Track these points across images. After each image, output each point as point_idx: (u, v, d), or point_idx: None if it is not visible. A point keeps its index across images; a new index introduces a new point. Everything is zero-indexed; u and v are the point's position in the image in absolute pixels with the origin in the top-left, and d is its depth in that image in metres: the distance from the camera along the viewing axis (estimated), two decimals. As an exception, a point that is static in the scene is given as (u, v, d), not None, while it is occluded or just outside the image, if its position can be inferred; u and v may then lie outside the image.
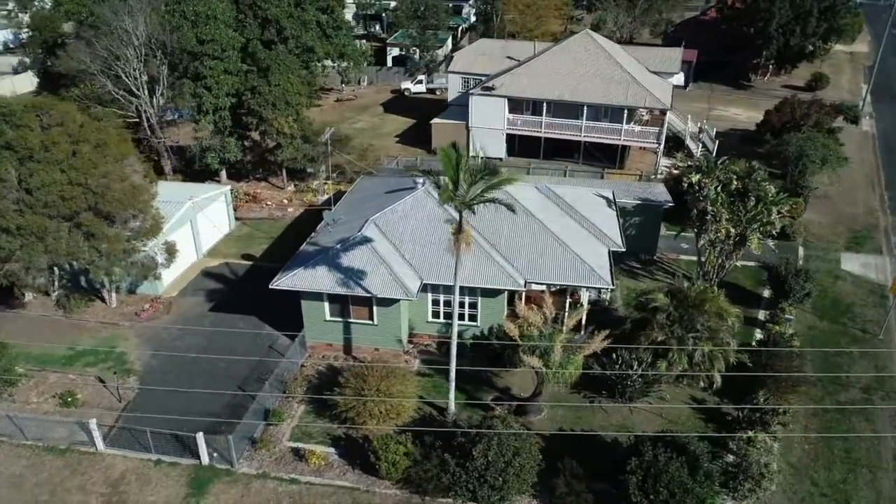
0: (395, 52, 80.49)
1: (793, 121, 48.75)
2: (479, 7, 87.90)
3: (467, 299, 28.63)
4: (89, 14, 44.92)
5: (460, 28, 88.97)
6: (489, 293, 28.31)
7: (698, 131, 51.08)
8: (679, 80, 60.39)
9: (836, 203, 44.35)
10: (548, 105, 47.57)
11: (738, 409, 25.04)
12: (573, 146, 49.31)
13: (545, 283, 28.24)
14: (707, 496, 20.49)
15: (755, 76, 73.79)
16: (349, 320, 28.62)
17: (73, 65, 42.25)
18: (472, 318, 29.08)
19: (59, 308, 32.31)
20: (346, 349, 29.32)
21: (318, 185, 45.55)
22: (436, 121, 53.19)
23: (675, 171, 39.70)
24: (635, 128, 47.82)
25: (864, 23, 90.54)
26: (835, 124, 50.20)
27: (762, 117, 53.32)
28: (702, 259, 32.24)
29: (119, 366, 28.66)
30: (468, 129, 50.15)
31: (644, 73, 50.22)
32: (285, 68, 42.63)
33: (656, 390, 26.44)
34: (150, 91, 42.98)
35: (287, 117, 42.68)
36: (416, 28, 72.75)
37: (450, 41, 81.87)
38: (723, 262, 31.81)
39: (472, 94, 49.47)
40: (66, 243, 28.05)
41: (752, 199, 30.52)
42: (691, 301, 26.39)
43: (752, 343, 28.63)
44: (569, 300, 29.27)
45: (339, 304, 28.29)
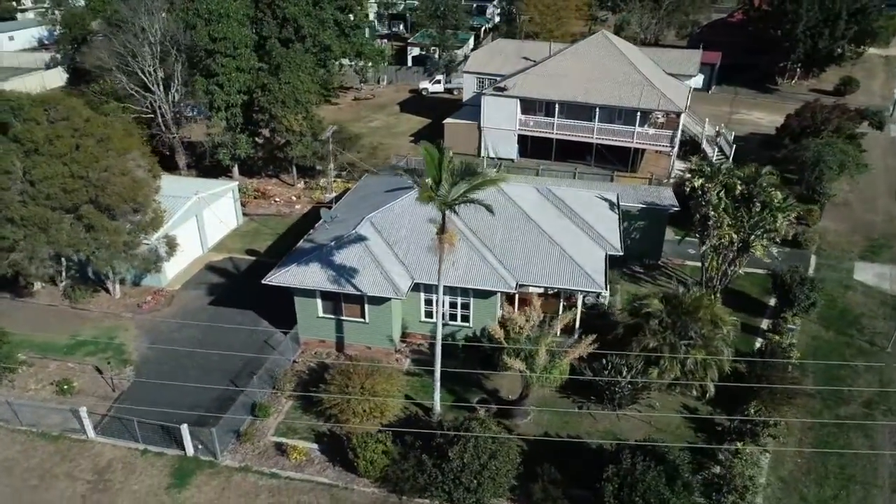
0: (415, 52, 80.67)
1: (813, 125, 47.37)
2: (503, 7, 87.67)
3: (460, 300, 28.53)
4: (114, 11, 45.99)
5: (483, 28, 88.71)
6: (481, 294, 28.10)
7: (716, 135, 50.03)
8: (697, 82, 59.25)
9: (855, 210, 43.05)
10: (560, 106, 47.09)
11: (729, 420, 24.43)
12: (585, 148, 48.72)
13: (537, 285, 27.95)
14: (684, 507, 20.03)
15: (782, 79, 71.96)
16: (341, 318, 28.71)
17: (93, 61, 43.40)
18: (465, 318, 28.93)
19: (66, 298, 33.13)
20: (339, 346, 29.43)
21: (325, 183, 45.85)
22: (449, 120, 53.01)
23: (688, 176, 38.91)
24: (648, 130, 47.05)
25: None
26: (859, 130, 48.62)
27: (783, 121, 51.97)
28: (704, 265, 31.61)
29: (117, 356, 29.25)
30: (480, 130, 49.99)
31: (660, 75, 49.41)
32: (296, 66, 42.99)
33: (646, 398, 25.93)
34: (165, 87, 43.78)
35: (297, 115, 43.06)
36: (436, 28, 72.81)
37: (472, 41, 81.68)
38: (726, 268, 31.12)
39: (485, 94, 49.26)
40: (68, 235, 28.74)
41: (757, 204, 29.78)
42: (685, 307, 25.86)
43: (753, 352, 27.91)
44: (562, 304, 28.92)
45: (332, 301, 28.41)
